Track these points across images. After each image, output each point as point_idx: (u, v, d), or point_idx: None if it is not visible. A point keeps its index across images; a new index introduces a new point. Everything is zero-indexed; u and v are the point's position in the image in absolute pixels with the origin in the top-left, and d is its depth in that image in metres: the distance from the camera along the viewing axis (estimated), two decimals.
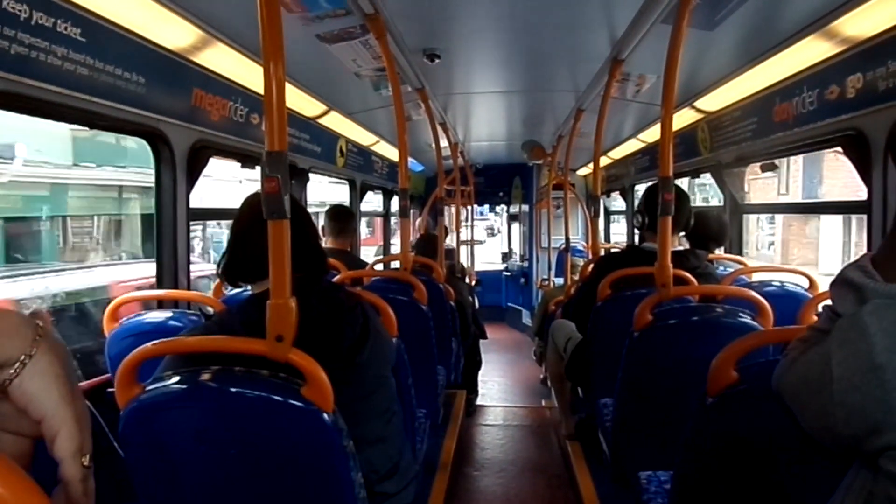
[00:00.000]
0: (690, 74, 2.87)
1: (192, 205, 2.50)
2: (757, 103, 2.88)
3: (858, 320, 0.68)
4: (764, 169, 3.18)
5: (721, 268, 3.09)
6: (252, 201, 1.42)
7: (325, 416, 1.13)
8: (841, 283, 0.76)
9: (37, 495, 0.43)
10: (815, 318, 0.86)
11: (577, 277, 4.30)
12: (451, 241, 6.55)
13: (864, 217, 2.17)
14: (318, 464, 1.20)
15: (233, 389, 1.15)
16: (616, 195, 6.51)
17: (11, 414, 0.53)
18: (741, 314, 1.87)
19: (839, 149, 2.33)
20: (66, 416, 0.52)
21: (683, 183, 4.18)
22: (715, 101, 3.20)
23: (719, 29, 2.26)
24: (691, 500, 1.38)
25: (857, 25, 1.99)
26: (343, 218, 3.40)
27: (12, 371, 0.51)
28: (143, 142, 2.32)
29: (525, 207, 8.51)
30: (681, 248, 2.59)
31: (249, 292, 1.49)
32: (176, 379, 1.18)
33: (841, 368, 0.68)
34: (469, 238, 7.36)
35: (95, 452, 0.55)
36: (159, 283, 2.45)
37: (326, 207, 3.50)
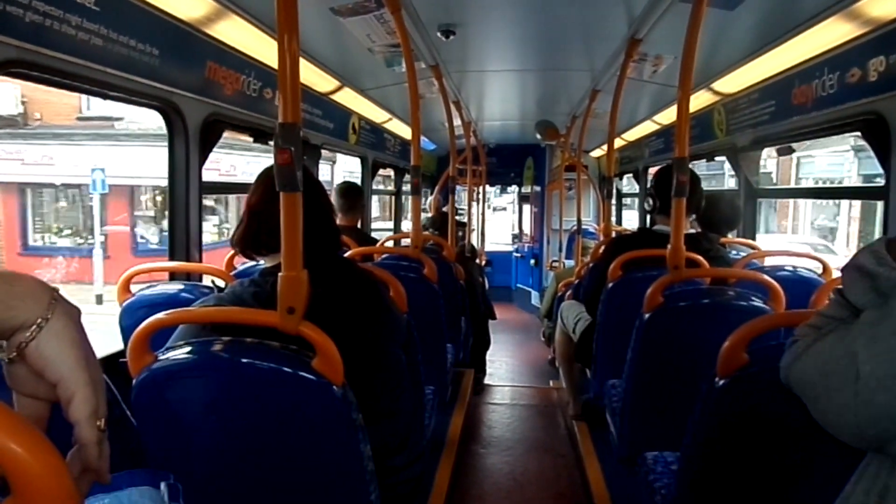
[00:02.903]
0: (708, 55, 2.81)
1: None
2: (775, 86, 2.83)
3: (890, 317, 0.65)
4: (781, 153, 3.14)
5: (733, 252, 3.07)
6: (268, 174, 1.41)
7: (335, 388, 1.13)
8: (853, 268, 0.73)
9: (54, 456, 0.43)
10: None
11: (587, 259, 4.28)
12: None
13: None
14: (327, 436, 1.20)
15: (244, 360, 1.16)
16: (627, 178, 6.45)
17: (28, 377, 0.54)
18: (753, 297, 1.86)
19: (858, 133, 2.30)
20: (81, 379, 0.53)
21: (703, 166, 4.13)
22: (732, 82, 3.15)
23: (739, 9, 2.22)
24: (698, 480, 1.38)
25: (882, 7, 1.94)
26: (352, 195, 3.40)
27: (29, 334, 0.52)
28: None
29: (537, 188, 8.45)
30: (692, 231, 2.57)
31: (262, 266, 1.49)
32: (188, 349, 1.19)
33: (869, 367, 0.65)
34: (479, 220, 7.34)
35: (108, 421, 0.56)
36: (171, 256, 2.46)
37: None
